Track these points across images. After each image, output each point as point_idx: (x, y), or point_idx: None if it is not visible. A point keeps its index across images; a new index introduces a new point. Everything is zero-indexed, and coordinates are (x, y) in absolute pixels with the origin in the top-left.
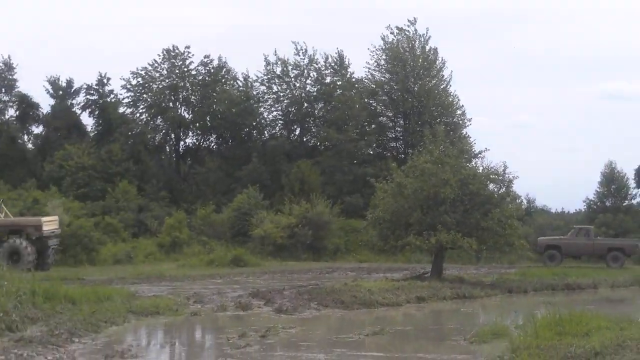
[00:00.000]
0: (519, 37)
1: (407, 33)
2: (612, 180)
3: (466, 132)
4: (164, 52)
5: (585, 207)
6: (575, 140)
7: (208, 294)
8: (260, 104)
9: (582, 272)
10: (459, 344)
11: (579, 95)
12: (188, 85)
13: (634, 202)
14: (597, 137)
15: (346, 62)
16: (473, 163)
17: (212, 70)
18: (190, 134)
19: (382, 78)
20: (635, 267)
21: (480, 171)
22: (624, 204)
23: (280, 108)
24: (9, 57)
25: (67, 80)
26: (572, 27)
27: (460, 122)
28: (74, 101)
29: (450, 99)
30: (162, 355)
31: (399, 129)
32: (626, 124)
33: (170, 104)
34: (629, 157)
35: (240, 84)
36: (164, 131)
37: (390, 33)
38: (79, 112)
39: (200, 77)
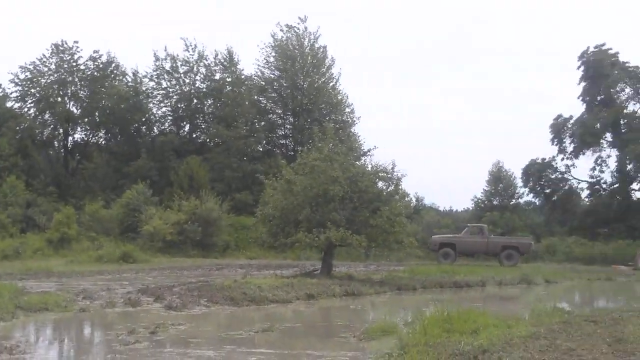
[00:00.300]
0: (408, 37)
1: (297, 30)
2: (499, 179)
3: (355, 130)
4: (53, 46)
5: (473, 205)
6: (465, 140)
7: (97, 290)
8: (150, 100)
9: (471, 270)
10: (348, 341)
11: (468, 95)
12: (77, 80)
13: (521, 201)
14: (486, 136)
15: (235, 59)
16: (362, 161)
17: (101, 66)
18: (79, 129)
19: (272, 75)
20: (523, 265)
21: (369, 169)
22: (511, 202)
23: (169, 104)
24: None
25: None
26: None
27: (349, 120)
28: None
29: (340, 97)
30: (51, 351)
31: (288, 126)
32: (514, 124)
33: (59, 99)
34: (516, 156)
35: (130, 79)
36: (52, 126)
37: (280, 30)
38: None
39: (89, 72)
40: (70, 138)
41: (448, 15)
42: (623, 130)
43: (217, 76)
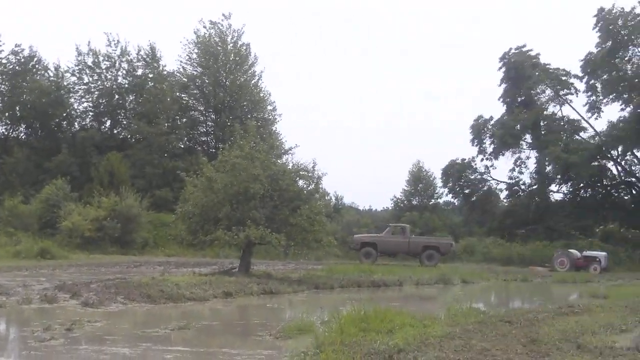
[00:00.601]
0: (331, 37)
1: (221, 27)
2: (419, 179)
3: (276, 128)
4: None
5: (392, 205)
6: (385, 140)
7: (13, 286)
8: (71, 95)
9: (389, 269)
10: (264, 339)
11: (389, 95)
12: None
13: (440, 201)
14: (407, 136)
15: (158, 55)
16: (283, 159)
17: (22, 60)
18: None
19: (194, 72)
20: (441, 266)
21: (290, 167)
22: (430, 202)
23: (91, 99)
24: None
25: None
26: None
27: (271, 117)
28: None
29: (262, 95)
30: None
31: (210, 124)
32: (434, 124)
33: None
34: (436, 157)
35: (52, 74)
36: None
37: (203, 27)
38: None
39: (11, 67)
40: None
41: (369, 16)
42: (542, 132)
43: (139, 72)
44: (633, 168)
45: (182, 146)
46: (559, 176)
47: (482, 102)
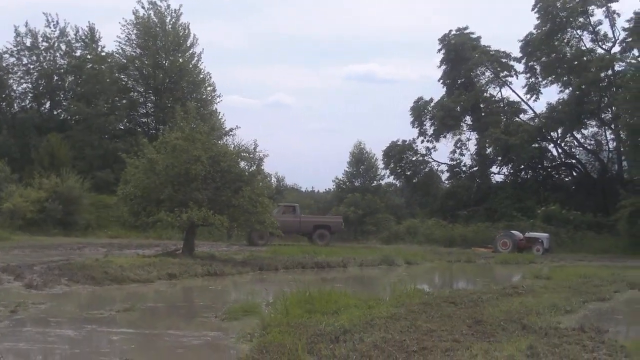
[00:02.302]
0: (273, 17)
1: (159, 8)
2: (361, 161)
3: (216, 109)
4: None
5: (334, 186)
6: (327, 121)
7: None
8: (10, 76)
9: (332, 251)
10: (210, 321)
11: (330, 77)
12: None
13: (383, 182)
14: (348, 118)
15: (97, 36)
16: (224, 140)
17: None
18: None
19: (133, 53)
20: (384, 247)
21: (232, 149)
22: (373, 184)
23: (30, 80)
24: None
25: None
26: (325, 9)
27: (210, 98)
28: None
29: (202, 76)
30: None
31: (150, 105)
32: (376, 106)
33: None
34: (377, 138)
35: None
36: None
37: (142, 7)
38: None
39: None
40: None
41: None
42: (483, 114)
43: (78, 53)
44: (573, 150)
45: (122, 127)
46: (499, 158)
47: (422, 83)
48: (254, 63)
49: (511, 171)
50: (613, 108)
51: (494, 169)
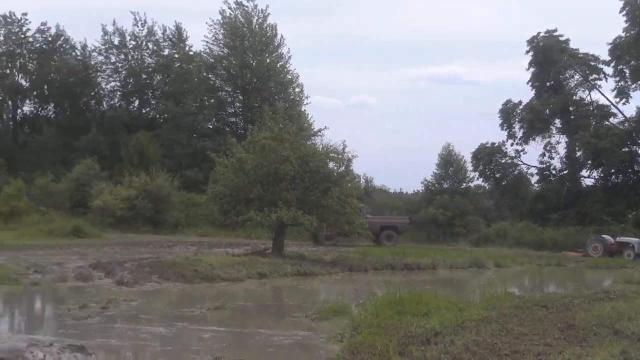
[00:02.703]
0: (353, 19)
1: (246, 8)
2: (449, 163)
3: (305, 110)
4: (1, 18)
5: (423, 188)
6: (415, 122)
7: (48, 264)
8: (99, 74)
9: (422, 252)
10: (300, 320)
11: (418, 79)
12: (25, 52)
13: (471, 184)
14: (436, 119)
15: (184, 35)
16: (312, 141)
17: (49, 39)
18: (28, 101)
19: (221, 53)
20: (474, 250)
21: (320, 149)
22: (462, 186)
23: (118, 79)
24: None
25: None
26: (408, 12)
27: (298, 99)
28: None
29: (289, 77)
30: (2, 324)
31: (238, 104)
32: (461, 108)
33: (7, 71)
34: (466, 140)
35: (79, 53)
36: (0, 98)
37: (228, 8)
38: None
39: (38, 45)
40: (19, 111)
41: None
42: (572, 117)
43: (166, 52)
44: None
45: (211, 126)
46: (589, 161)
47: (511, 86)
48: (336, 63)
49: (601, 175)
50: None
51: (584, 172)
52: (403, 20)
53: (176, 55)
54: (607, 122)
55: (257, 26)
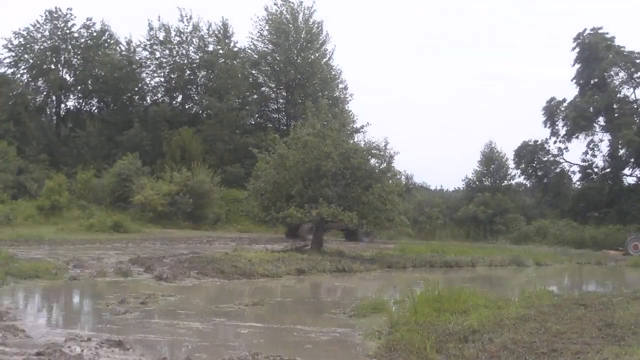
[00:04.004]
0: (401, 14)
1: (292, 4)
2: (491, 160)
3: (348, 107)
4: (46, 12)
5: (464, 185)
6: (456, 119)
7: (87, 259)
8: (143, 69)
9: (461, 250)
10: (338, 317)
11: (460, 73)
12: (70, 47)
13: (513, 182)
14: (477, 116)
15: (230, 31)
16: (355, 137)
17: (94, 34)
18: (72, 96)
19: (265, 49)
20: (514, 247)
21: (362, 146)
22: (503, 184)
23: (162, 74)
24: None
25: None
26: (454, 6)
27: (342, 96)
28: None
29: (333, 73)
30: (41, 318)
31: (281, 101)
32: (506, 106)
33: (52, 66)
34: (508, 137)
35: (123, 48)
36: (45, 93)
37: (274, 4)
38: None
39: (83, 40)
40: (62, 105)
41: None
42: (616, 115)
43: (211, 48)
44: None
45: (253, 122)
46: (632, 160)
47: (554, 83)
48: (377, 59)
49: None
50: None
51: (627, 171)
52: (448, 15)
53: (221, 51)
54: None
55: (302, 22)
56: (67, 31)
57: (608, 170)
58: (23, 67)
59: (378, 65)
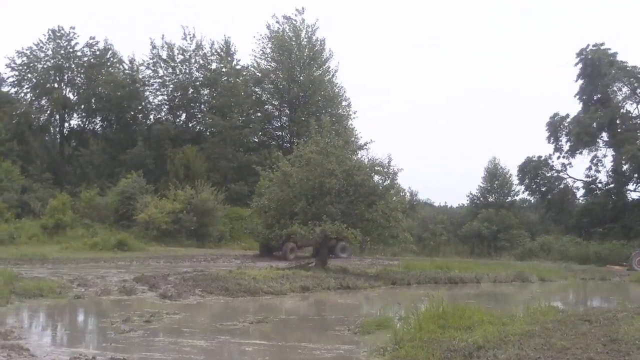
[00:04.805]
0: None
1: (294, 22)
2: (495, 176)
3: (352, 124)
4: (50, 32)
5: (468, 202)
6: (459, 135)
7: (92, 278)
8: (146, 88)
9: (466, 266)
10: (342, 334)
11: (464, 90)
12: (73, 66)
13: (517, 198)
14: (481, 133)
15: (232, 49)
16: (358, 155)
17: (97, 53)
18: (75, 115)
19: (268, 67)
20: (518, 263)
21: (366, 163)
22: (507, 200)
23: (165, 92)
24: None
25: None
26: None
27: (346, 113)
28: None
29: (336, 90)
30: (46, 337)
31: (284, 118)
32: (510, 122)
33: (55, 85)
34: (512, 153)
35: (126, 67)
36: (48, 112)
37: (276, 22)
38: None
39: (86, 59)
40: (66, 124)
41: (444, 10)
42: (619, 130)
43: (214, 66)
44: None
45: (257, 140)
46: (635, 175)
47: (557, 99)
48: (386, 75)
49: None
50: None
51: (630, 186)
52: (452, 32)
53: (224, 69)
54: None
55: (305, 40)
56: (71, 50)
57: (612, 185)
58: (26, 86)
59: (382, 82)
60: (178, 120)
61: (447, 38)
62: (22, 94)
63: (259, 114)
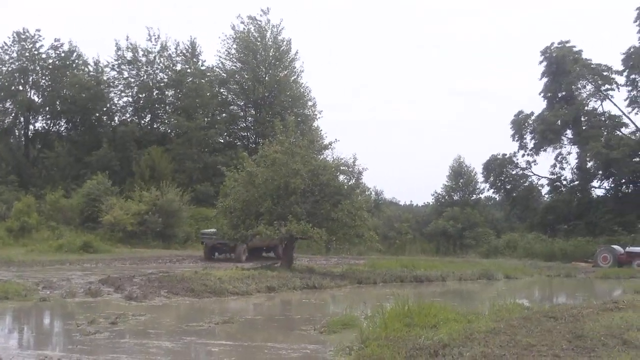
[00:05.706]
0: (368, 31)
1: (259, 22)
2: (460, 175)
3: (317, 125)
4: (14, 34)
5: (433, 200)
6: (424, 134)
7: (57, 280)
8: (111, 89)
9: (431, 264)
10: (308, 333)
11: (428, 89)
12: (38, 68)
13: (482, 196)
14: (445, 131)
15: (198, 50)
16: (323, 154)
17: (62, 55)
18: (40, 117)
19: (233, 67)
20: (484, 261)
21: (331, 162)
22: (472, 198)
23: (130, 94)
24: None
25: None
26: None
27: (311, 113)
28: None
29: (302, 90)
30: (11, 340)
31: (250, 119)
32: (474, 120)
33: (20, 87)
34: (477, 152)
35: (91, 69)
36: (13, 114)
37: (241, 22)
38: None
39: (51, 61)
40: (31, 127)
41: (407, 10)
42: (584, 128)
43: (179, 67)
44: None
45: (222, 141)
46: (600, 172)
47: (522, 96)
48: (351, 74)
49: (612, 185)
50: None
51: (595, 183)
52: (414, 31)
53: (188, 70)
54: (618, 133)
55: (270, 40)
56: (35, 52)
57: (576, 182)
58: None
59: (345, 81)
60: (143, 121)
61: (412, 38)
62: None
63: (224, 115)
